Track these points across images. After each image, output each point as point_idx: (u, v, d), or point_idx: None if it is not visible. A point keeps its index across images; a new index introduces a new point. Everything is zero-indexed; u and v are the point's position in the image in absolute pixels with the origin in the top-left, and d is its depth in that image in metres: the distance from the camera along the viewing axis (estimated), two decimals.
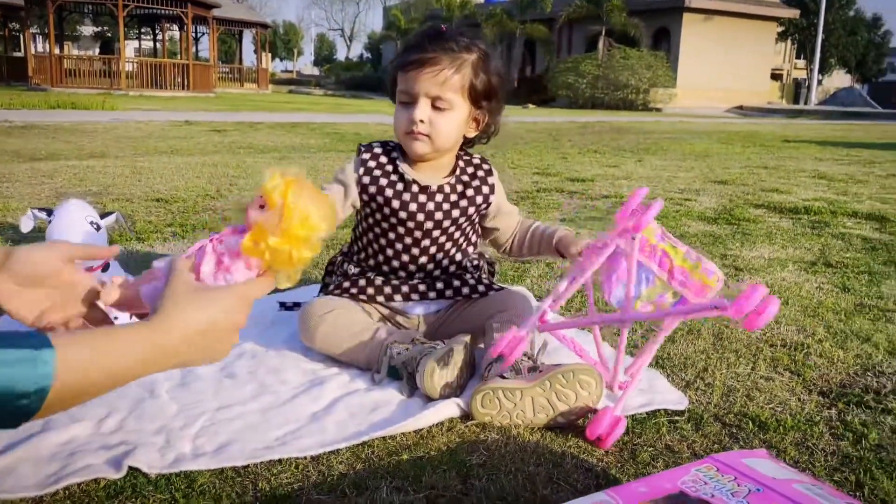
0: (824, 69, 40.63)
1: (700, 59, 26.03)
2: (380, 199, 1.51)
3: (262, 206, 0.87)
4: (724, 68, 26.55)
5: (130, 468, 1.08)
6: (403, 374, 1.39)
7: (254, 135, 8.06)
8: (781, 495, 0.86)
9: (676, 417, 1.33)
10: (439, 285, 1.56)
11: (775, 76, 35.32)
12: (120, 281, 0.94)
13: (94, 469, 1.07)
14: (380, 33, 44.36)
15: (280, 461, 1.14)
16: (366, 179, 1.51)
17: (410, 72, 1.42)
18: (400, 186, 1.51)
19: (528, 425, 1.27)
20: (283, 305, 1.81)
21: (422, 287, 1.56)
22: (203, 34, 26.82)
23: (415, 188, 1.51)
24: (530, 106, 23.51)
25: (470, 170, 1.58)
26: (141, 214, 3.07)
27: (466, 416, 1.30)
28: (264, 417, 1.26)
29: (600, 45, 25.51)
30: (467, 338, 1.44)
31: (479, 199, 1.57)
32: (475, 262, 1.63)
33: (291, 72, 54.13)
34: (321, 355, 1.51)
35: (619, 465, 1.17)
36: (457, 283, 1.57)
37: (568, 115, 17.00)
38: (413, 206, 1.50)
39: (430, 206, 1.51)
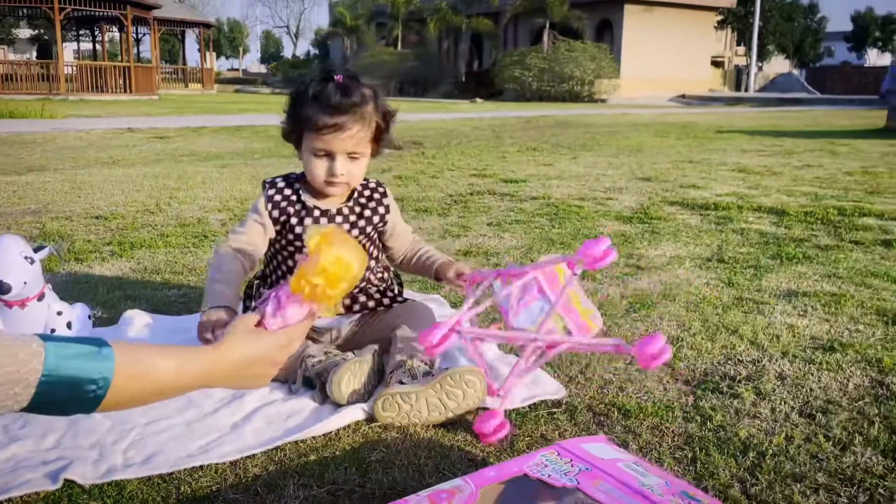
0: (763, 56, 41.84)
1: (642, 49, 26.63)
2: (286, 226, 1.68)
3: (307, 256, 1.15)
4: (665, 58, 27.21)
5: (67, 480, 1.24)
6: (317, 384, 1.56)
7: (197, 140, 8.09)
8: (603, 471, 1.06)
9: (555, 409, 1.53)
10: (346, 301, 1.73)
11: (717, 63, 36.26)
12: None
13: (33, 483, 1.22)
14: (326, 29, 44.06)
15: (202, 467, 1.30)
16: (275, 213, 1.69)
17: (327, 135, 1.58)
18: (303, 213, 1.68)
19: (425, 423, 1.46)
20: None
21: None
22: (144, 35, 26.36)
23: (316, 213, 1.69)
24: (478, 100, 23.77)
25: (367, 193, 1.76)
26: (80, 233, 3.17)
27: (371, 418, 1.48)
28: (189, 429, 1.42)
29: (545, 38, 25.90)
30: (375, 348, 1.62)
31: (376, 219, 1.75)
32: (380, 276, 1.81)
33: (237, 70, 53.42)
34: None
35: (497, 454, 1.36)
36: (363, 298, 1.75)
37: (514, 110, 17.28)
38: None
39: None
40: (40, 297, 1.71)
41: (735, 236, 3.19)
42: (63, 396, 0.87)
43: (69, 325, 1.75)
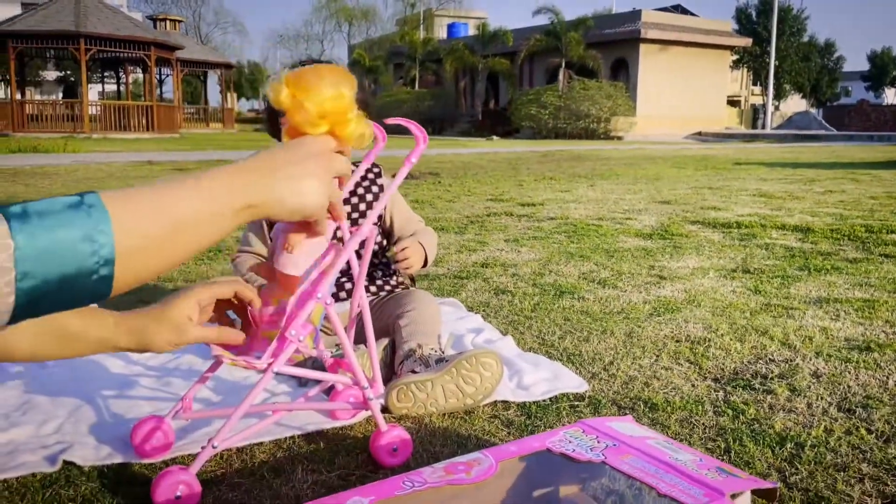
0: (780, 95, 41.88)
1: (658, 87, 26.76)
2: None
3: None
4: (682, 96, 27.31)
5: (66, 463, 1.18)
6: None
7: None
8: (632, 447, 0.98)
9: (577, 402, 1.46)
10: (348, 286, 1.68)
11: (733, 103, 36.37)
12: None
13: (30, 465, 1.16)
14: None
15: None
16: None
17: None
18: None
19: (441, 411, 1.39)
20: None
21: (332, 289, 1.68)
22: (167, 76, 26.89)
23: None
24: (494, 138, 23.91)
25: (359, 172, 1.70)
26: None
27: (385, 409, 1.41)
28: (192, 420, 1.36)
29: (561, 76, 26.10)
30: (385, 341, 1.56)
31: (370, 197, 1.70)
32: (386, 262, 1.76)
33: (258, 111, 54.36)
34: None
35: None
36: (365, 283, 1.69)
37: (530, 146, 17.33)
38: None
39: None
40: None
41: (760, 251, 3.11)
42: (58, 292, 0.53)
43: None
